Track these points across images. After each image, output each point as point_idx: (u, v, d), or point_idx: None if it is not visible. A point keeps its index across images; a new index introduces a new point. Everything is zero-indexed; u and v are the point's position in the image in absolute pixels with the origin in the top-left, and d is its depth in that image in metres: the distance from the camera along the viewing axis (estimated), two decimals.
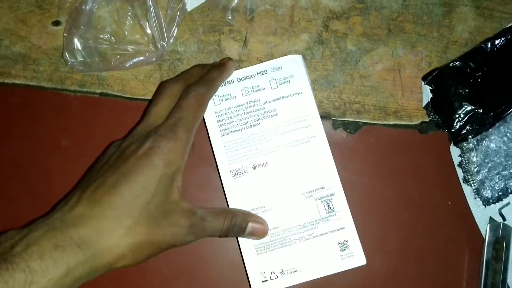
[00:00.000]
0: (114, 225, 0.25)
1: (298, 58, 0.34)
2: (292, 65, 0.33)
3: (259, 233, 0.31)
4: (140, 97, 0.38)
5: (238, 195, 0.32)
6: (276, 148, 0.32)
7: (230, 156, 0.33)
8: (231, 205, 0.32)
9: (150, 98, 0.38)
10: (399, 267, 0.36)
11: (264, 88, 0.33)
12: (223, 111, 0.33)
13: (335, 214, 0.32)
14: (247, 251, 0.32)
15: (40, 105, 0.38)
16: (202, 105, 0.31)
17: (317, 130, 0.33)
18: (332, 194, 0.32)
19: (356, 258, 0.31)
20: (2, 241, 0.24)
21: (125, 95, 0.38)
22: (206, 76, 0.32)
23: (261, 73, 0.33)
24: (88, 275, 0.25)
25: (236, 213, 0.30)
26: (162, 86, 0.32)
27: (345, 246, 0.31)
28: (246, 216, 0.31)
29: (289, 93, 0.33)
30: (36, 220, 0.25)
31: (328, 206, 0.32)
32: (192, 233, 0.28)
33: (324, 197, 0.32)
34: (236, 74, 0.34)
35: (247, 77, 0.33)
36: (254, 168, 0.32)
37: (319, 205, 0.32)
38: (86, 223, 0.25)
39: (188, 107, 0.29)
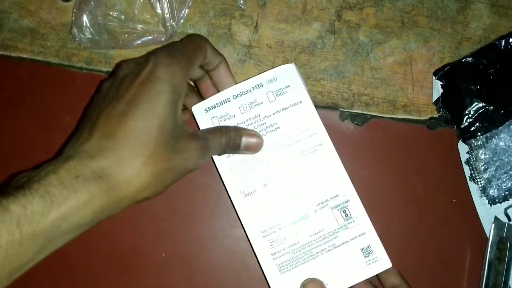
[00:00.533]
0: (133, 155, 0.24)
1: (291, 67, 0.32)
2: (287, 75, 0.32)
3: (254, 147, 0.31)
4: None
5: (252, 215, 0.31)
6: (284, 162, 0.31)
7: (238, 177, 0.31)
8: (246, 226, 0.31)
9: None
10: (400, 262, 0.35)
11: (262, 102, 0.32)
12: None
13: (354, 221, 0.31)
14: (270, 271, 0.31)
15: (45, 81, 0.37)
16: (201, 47, 0.30)
17: (323, 137, 0.31)
18: (347, 201, 0.31)
19: (381, 262, 0.30)
20: (18, 178, 0.23)
21: None
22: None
23: (257, 87, 0.32)
24: (111, 207, 0.24)
25: (228, 128, 0.30)
26: None
27: (369, 251, 0.30)
28: (239, 130, 0.31)
29: (288, 104, 0.32)
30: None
31: (345, 213, 0.31)
32: (202, 155, 0.28)
33: (339, 205, 0.31)
34: (231, 91, 0.32)
35: (243, 93, 0.32)
36: (265, 185, 0.31)
37: (336, 214, 0.31)
38: (105, 154, 0.24)
39: (188, 42, 0.29)
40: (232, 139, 0.30)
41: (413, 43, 0.37)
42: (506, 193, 0.33)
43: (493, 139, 0.33)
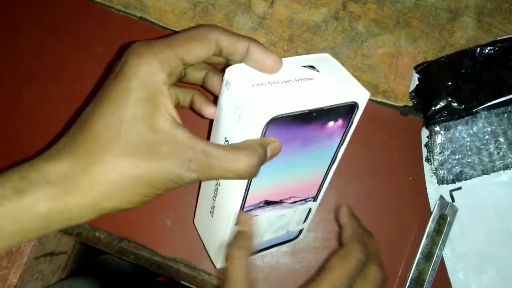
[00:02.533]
0: (86, 161, 0.22)
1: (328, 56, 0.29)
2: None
3: (277, 151, 0.26)
4: (172, 28, 0.43)
5: None
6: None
7: None
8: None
9: (180, 30, 0.43)
10: None
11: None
12: None
13: None
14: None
15: (87, 14, 0.44)
16: (204, 40, 0.25)
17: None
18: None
19: None
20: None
21: (160, 24, 0.44)
22: None
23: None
24: (65, 215, 0.22)
25: (252, 145, 0.24)
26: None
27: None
28: (263, 141, 0.25)
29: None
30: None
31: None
32: (191, 170, 0.23)
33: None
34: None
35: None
36: None
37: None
38: (58, 160, 0.22)
39: (187, 33, 0.25)
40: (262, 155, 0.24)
41: (403, 40, 0.43)
42: (454, 177, 0.38)
43: (452, 129, 0.38)
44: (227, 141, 0.27)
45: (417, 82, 0.40)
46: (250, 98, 0.24)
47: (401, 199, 0.41)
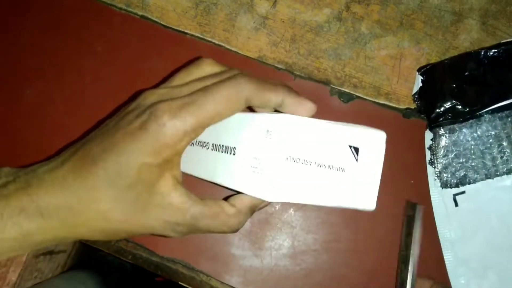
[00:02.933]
0: (84, 206, 0.24)
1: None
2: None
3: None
4: (173, 27, 0.43)
5: None
6: None
7: None
8: None
9: (182, 30, 0.43)
10: (346, 220, 0.40)
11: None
12: None
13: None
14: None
15: (88, 13, 0.44)
16: (233, 103, 0.24)
17: None
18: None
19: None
20: None
21: (161, 22, 0.43)
22: (269, 82, 0.25)
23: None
24: (54, 241, 0.25)
25: (243, 211, 0.26)
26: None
27: None
28: (254, 207, 0.27)
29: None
30: (38, 163, 0.26)
31: None
32: (176, 232, 0.25)
33: None
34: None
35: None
36: None
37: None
38: (57, 193, 0.24)
39: (215, 95, 0.24)
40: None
41: (406, 42, 0.42)
42: (458, 181, 0.38)
43: (456, 132, 0.38)
44: (234, 149, 0.26)
45: (420, 84, 0.40)
46: (274, 173, 0.23)
47: (402, 203, 0.40)
